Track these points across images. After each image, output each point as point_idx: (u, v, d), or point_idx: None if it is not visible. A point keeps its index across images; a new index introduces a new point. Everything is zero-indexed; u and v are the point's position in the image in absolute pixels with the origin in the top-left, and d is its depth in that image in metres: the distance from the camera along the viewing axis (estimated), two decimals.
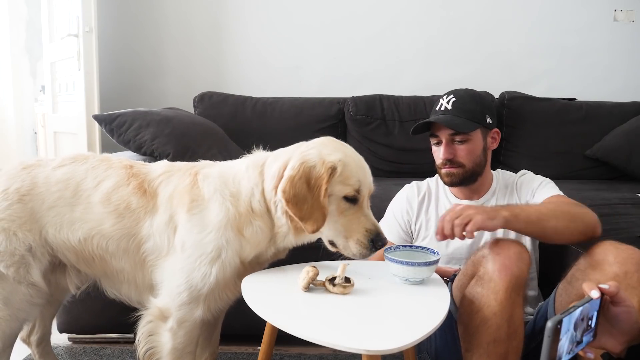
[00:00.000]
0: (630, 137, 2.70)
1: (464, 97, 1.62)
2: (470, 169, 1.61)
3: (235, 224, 1.31)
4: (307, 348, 1.96)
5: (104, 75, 3.19)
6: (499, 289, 1.20)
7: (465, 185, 1.64)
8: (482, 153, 1.62)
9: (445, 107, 1.61)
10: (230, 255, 1.30)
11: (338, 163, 1.24)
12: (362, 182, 1.28)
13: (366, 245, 1.25)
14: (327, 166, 1.23)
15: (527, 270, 1.25)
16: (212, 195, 1.34)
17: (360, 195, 1.27)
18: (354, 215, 1.27)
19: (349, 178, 1.25)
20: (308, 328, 1.01)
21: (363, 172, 1.30)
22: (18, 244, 1.38)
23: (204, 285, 1.30)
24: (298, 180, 1.23)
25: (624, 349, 0.99)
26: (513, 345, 1.21)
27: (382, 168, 2.81)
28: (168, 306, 1.33)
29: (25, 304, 1.42)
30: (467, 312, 1.26)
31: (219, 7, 3.42)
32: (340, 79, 3.39)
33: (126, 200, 1.38)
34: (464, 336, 1.28)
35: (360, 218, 1.27)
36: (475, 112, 1.60)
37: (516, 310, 1.21)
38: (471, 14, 3.33)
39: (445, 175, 1.64)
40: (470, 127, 1.58)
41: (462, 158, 1.60)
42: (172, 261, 1.33)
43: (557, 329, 0.85)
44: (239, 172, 1.38)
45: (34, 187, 1.42)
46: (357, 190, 1.26)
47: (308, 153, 1.28)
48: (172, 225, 1.34)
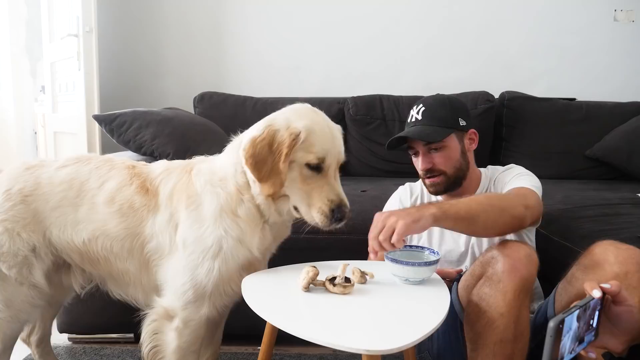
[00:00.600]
0: (630, 137, 2.69)
1: (433, 104, 1.62)
2: (452, 174, 1.60)
3: (228, 208, 1.32)
4: (307, 348, 1.96)
5: (104, 75, 3.19)
6: (508, 289, 1.20)
7: (451, 191, 1.64)
8: (461, 157, 1.61)
9: (416, 118, 1.61)
10: (231, 245, 1.30)
11: (303, 129, 1.23)
12: (328, 151, 1.25)
13: (327, 215, 1.23)
14: (291, 131, 1.23)
15: (535, 272, 1.25)
16: (204, 187, 1.35)
17: (324, 165, 1.25)
18: (317, 184, 1.25)
19: (313, 145, 1.23)
20: (308, 328, 1.01)
21: (331, 141, 1.27)
22: (22, 244, 1.39)
23: (209, 281, 1.30)
24: (260, 142, 1.24)
25: (625, 349, 0.99)
26: (519, 346, 1.21)
27: (382, 168, 2.82)
28: (174, 305, 1.33)
29: (26, 305, 1.42)
30: (474, 312, 1.25)
31: (219, 8, 3.42)
32: (340, 79, 3.39)
33: (129, 199, 1.39)
34: (470, 336, 1.27)
35: (324, 187, 1.25)
36: (446, 118, 1.59)
37: (523, 312, 1.21)
38: (471, 14, 3.33)
39: (429, 186, 1.64)
40: (441, 134, 1.57)
41: (441, 165, 1.59)
42: (175, 259, 1.34)
43: (559, 328, 0.85)
44: (222, 157, 1.40)
45: (37, 187, 1.42)
46: (321, 158, 1.24)
47: (275, 117, 1.29)
48: (173, 224, 1.35)
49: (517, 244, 1.29)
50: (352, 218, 1.93)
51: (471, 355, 1.27)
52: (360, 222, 1.92)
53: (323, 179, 1.25)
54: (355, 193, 2.24)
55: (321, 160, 1.24)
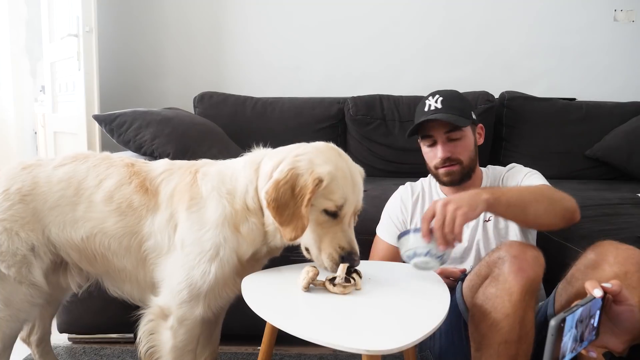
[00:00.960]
0: (630, 137, 2.70)
1: (451, 94, 1.63)
2: (467, 165, 1.62)
3: (232, 222, 1.32)
4: (307, 348, 1.96)
5: (104, 75, 3.19)
6: (514, 290, 1.19)
7: (464, 182, 1.64)
8: (474, 148, 1.65)
9: (435, 107, 1.59)
10: (228, 253, 1.31)
11: (326, 176, 1.22)
12: (347, 199, 1.24)
13: (336, 261, 1.22)
14: (314, 177, 1.21)
15: (542, 274, 1.24)
16: (210, 193, 1.34)
17: (341, 212, 1.24)
18: (331, 229, 1.24)
19: (334, 193, 1.23)
20: (308, 328, 1.01)
21: (351, 190, 1.26)
22: (20, 243, 1.39)
23: (204, 283, 1.30)
24: (283, 185, 1.22)
25: (626, 348, 0.99)
26: (523, 347, 1.20)
27: (381, 168, 2.82)
28: (169, 304, 1.33)
29: (25, 304, 1.42)
30: (479, 312, 1.25)
31: (219, 7, 3.42)
32: (340, 79, 3.39)
33: (128, 198, 1.39)
34: (474, 336, 1.27)
35: (337, 234, 1.24)
36: (464, 108, 1.61)
37: (528, 313, 1.21)
38: (471, 14, 3.33)
39: (444, 175, 1.62)
40: (465, 122, 1.58)
41: (459, 154, 1.60)
42: (173, 259, 1.34)
43: (561, 327, 0.85)
44: (236, 170, 1.38)
45: (35, 186, 1.42)
46: (339, 206, 1.23)
47: (299, 159, 1.26)
48: (173, 224, 1.35)
49: (524, 245, 1.28)
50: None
51: (475, 355, 1.26)
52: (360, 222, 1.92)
53: (338, 225, 1.25)
54: None
55: (339, 207, 1.24)
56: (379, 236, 1.75)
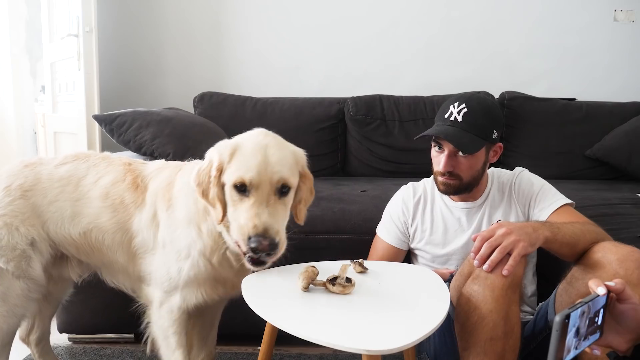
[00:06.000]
0: (630, 137, 2.69)
1: (477, 110, 1.53)
2: (467, 182, 1.57)
3: (195, 221, 1.35)
4: (307, 348, 1.96)
5: (104, 75, 3.19)
6: (496, 286, 1.21)
7: (461, 194, 1.62)
8: (481, 167, 1.59)
9: (455, 119, 1.53)
10: (196, 256, 1.34)
11: (229, 148, 1.21)
12: (255, 172, 1.15)
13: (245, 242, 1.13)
14: (220, 152, 1.23)
15: (522, 269, 1.26)
16: (179, 193, 1.38)
17: (250, 186, 1.15)
18: (244, 207, 1.15)
19: (239, 167, 1.17)
20: (308, 328, 1.01)
21: (260, 160, 1.16)
22: (20, 238, 1.42)
23: (180, 278, 1.36)
24: (204, 169, 1.25)
25: (630, 347, 0.98)
26: (510, 343, 1.21)
27: (381, 168, 2.82)
28: (153, 292, 1.42)
29: (22, 299, 1.45)
30: (463, 310, 1.26)
31: (219, 7, 3.42)
32: (340, 79, 3.38)
33: (121, 195, 1.44)
34: (461, 335, 1.28)
35: (250, 212, 1.14)
36: (484, 127, 1.53)
37: (512, 308, 1.22)
38: (471, 14, 3.33)
39: (440, 184, 1.61)
40: (477, 147, 1.52)
41: (461, 172, 1.55)
42: (158, 256, 1.41)
43: (565, 323, 0.85)
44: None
45: (37, 183, 1.47)
46: (245, 178, 1.15)
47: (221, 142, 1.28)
48: (156, 222, 1.41)
49: None
50: (352, 218, 1.94)
51: (463, 355, 1.27)
52: (360, 222, 1.93)
53: (248, 202, 1.15)
54: (355, 193, 2.24)
55: (246, 180, 1.15)
56: (379, 236, 1.74)
